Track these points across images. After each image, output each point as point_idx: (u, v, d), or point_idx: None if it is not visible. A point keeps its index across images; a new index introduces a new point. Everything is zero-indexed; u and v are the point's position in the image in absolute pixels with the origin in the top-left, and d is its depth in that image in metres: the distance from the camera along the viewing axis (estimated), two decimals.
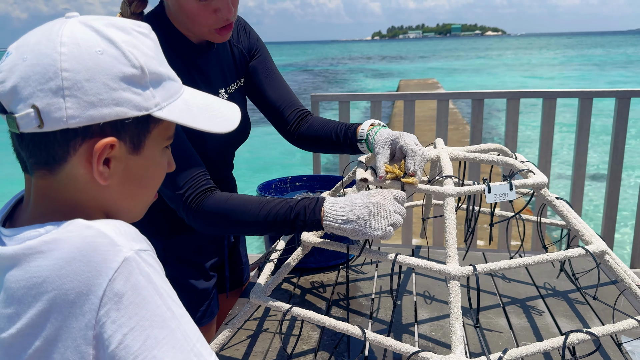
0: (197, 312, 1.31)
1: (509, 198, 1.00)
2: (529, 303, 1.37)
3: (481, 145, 1.20)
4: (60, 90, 0.56)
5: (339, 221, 0.94)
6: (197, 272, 1.31)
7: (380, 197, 0.94)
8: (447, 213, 0.96)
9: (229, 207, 1.02)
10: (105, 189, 0.62)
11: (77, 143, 0.58)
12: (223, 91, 1.24)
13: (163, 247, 1.26)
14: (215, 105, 0.72)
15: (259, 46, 1.34)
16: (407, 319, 1.29)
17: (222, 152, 1.27)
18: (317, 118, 1.33)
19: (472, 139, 3.18)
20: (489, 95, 3.20)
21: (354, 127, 1.21)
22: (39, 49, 0.57)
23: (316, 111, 3.27)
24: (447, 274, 0.90)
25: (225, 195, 1.04)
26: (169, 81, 0.65)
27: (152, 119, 0.63)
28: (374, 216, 0.92)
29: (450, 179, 1.02)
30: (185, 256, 1.29)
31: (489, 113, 14.35)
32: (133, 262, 0.55)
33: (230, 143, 1.29)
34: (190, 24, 1.10)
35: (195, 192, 1.05)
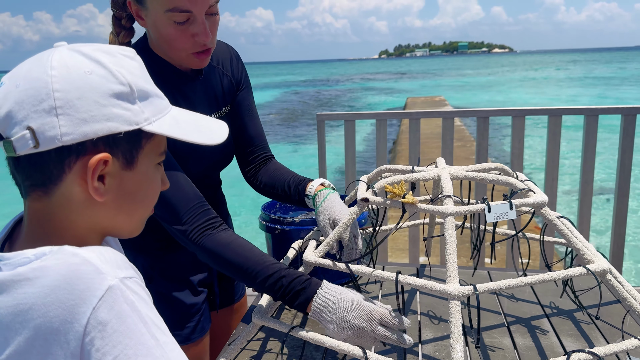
0: (185, 328, 1.31)
1: (509, 217, 1.01)
2: (533, 322, 1.36)
3: (482, 164, 1.21)
4: (53, 109, 0.58)
5: (325, 319, 0.95)
6: (184, 287, 1.32)
7: (365, 319, 0.93)
8: (447, 232, 0.97)
9: (227, 256, 1.04)
10: (101, 207, 0.64)
11: (72, 161, 0.60)
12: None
13: (149, 264, 1.28)
14: (202, 121, 0.75)
15: (246, 80, 1.38)
16: (411, 337, 1.28)
17: (203, 176, 1.29)
18: (275, 165, 1.39)
19: (477, 157, 3.18)
20: (494, 113, 3.21)
21: (305, 182, 1.28)
22: (31, 75, 0.60)
23: (322, 130, 3.29)
24: (447, 294, 0.90)
25: (228, 240, 1.05)
26: (156, 98, 0.67)
27: (143, 134, 0.65)
28: (357, 334, 0.93)
29: (450, 198, 1.02)
30: (171, 273, 1.30)
31: (495, 130, 14.33)
32: (117, 290, 0.56)
33: (213, 166, 1.32)
34: (169, 50, 1.12)
35: (196, 227, 1.06)
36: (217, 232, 1.07)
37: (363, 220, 1.50)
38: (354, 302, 0.91)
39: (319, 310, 0.93)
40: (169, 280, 1.30)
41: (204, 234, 1.06)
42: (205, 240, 1.05)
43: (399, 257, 4.52)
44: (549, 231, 2.57)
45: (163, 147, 0.70)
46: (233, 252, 1.03)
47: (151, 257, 1.29)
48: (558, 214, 1.16)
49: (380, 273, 0.97)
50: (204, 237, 1.06)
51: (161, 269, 1.29)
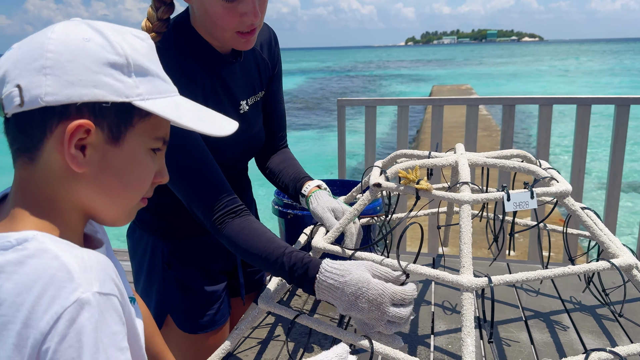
0: (205, 316, 1.29)
1: (529, 207, 0.95)
2: (553, 317, 1.31)
3: (503, 151, 1.15)
4: (42, 68, 0.57)
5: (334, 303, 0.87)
6: (203, 275, 1.29)
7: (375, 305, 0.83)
8: (462, 221, 0.92)
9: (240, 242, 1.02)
10: (81, 181, 0.61)
11: (54, 124, 0.58)
12: (244, 103, 1.22)
13: (169, 249, 1.26)
14: (207, 113, 0.71)
15: (280, 67, 1.34)
16: (423, 330, 1.24)
17: (235, 163, 1.26)
18: (285, 155, 1.37)
19: (502, 146, 3.10)
20: (521, 101, 3.11)
21: (303, 181, 1.26)
22: (32, 38, 0.60)
23: (342, 116, 3.23)
24: (459, 285, 0.85)
25: (241, 226, 1.03)
26: (157, 79, 0.65)
27: (136, 112, 0.62)
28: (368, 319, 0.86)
29: (467, 185, 0.97)
30: (191, 260, 1.28)
31: (521, 120, 14.05)
32: (85, 305, 0.53)
33: (244, 154, 1.28)
34: (214, 29, 1.07)
35: (220, 215, 1.05)
36: (236, 219, 1.05)
37: (378, 207, 1.46)
38: (360, 286, 0.83)
39: (325, 295, 0.88)
40: (188, 267, 1.28)
41: (225, 221, 1.04)
42: (225, 227, 1.04)
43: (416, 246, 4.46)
44: (573, 223, 2.49)
45: (161, 133, 0.66)
46: (245, 238, 1.02)
47: (171, 243, 1.27)
48: (582, 205, 1.10)
49: (390, 262, 0.93)
50: (225, 224, 1.04)
51: (180, 256, 1.27)
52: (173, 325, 1.29)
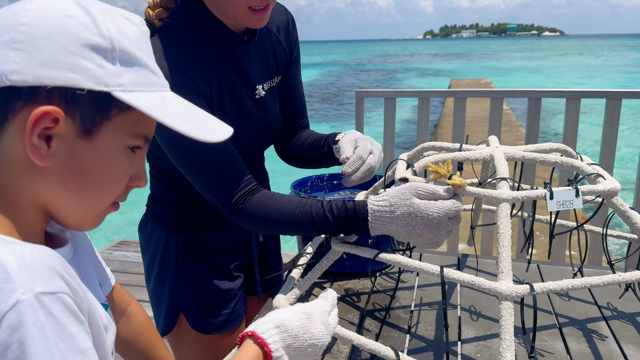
0: (220, 316, 1.22)
1: (574, 206, 0.86)
2: (589, 325, 1.21)
3: (541, 144, 1.06)
4: (12, 42, 0.50)
5: (387, 215, 0.88)
6: (219, 272, 1.22)
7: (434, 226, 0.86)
8: (500, 221, 0.83)
9: (268, 210, 0.98)
10: (43, 174, 0.53)
11: (18, 106, 0.50)
12: (260, 87, 1.14)
13: (184, 244, 1.18)
14: (198, 114, 0.62)
15: (298, 50, 1.26)
16: (450, 336, 1.16)
17: (251, 152, 1.18)
18: (307, 132, 1.30)
19: (527, 141, 2.98)
20: (548, 94, 2.99)
21: (335, 134, 1.19)
22: (8, 8, 0.52)
23: (360, 108, 3.14)
24: (498, 293, 0.77)
25: (265, 198, 0.99)
26: (146, 70, 0.56)
27: (115, 103, 0.54)
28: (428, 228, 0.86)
29: (505, 181, 0.88)
30: (207, 256, 1.20)
31: (543, 115, 13.81)
32: (28, 308, 0.45)
33: (261, 143, 1.20)
34: (225, 4, 0.99)
35: (239, 195, 0.99)
36: (255, 195, 1.00)
37: None
38: (413, 216, 0.85)
39: (380, 232, 0.90)
40: (203, 263, 1.21)
41: (245, 200, 0.99)
42: (247, 205, 0.99)
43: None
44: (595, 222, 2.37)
45: (142, 130, 0.58)
46: (274, 207, 0.97)
47: (185, 237, 1.20)
48: (630, 205, 1.00)
49: (421, 265, 0.84)
50: (246, 202, 0.99)
51: (195, 251, 1.20)
52: (186, 324, 1.22)
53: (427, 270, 0.84)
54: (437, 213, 0.84)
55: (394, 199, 0.87)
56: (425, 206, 0.84)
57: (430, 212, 0.84)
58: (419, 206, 0.84)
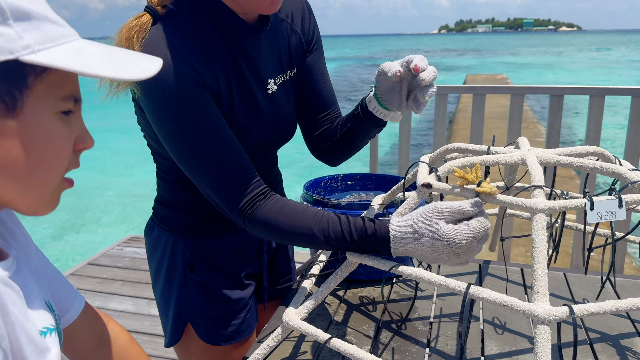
0: (230, 326, 1.15)
1: (616, 218, 0.77)
2: (623, 342, 1.13)
3: (576, 147, 0.97)
4: None
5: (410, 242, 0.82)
6: (229, 280, 1.15)
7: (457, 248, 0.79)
8: (536, 234, 0.75)
9: (280, 220, 0.90)
10: None
11: None
12: (272, 82, 1.05)
13: (191, 251, 1.11)
14: (120, 54, 0.55)
15: (318, 40, 1.16)
16: (472, 351, 1.08)
17: (262, 152, 1.10)
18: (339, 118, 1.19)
19: (548, 140, 2.88)
20: (570, 91, 2.87)
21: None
22: None
23: None
24: (534, 316, 0.69)
25: (278, 206, 0.91)
26: (46, 22, 0.49)
27: (28, 69, 0.48)
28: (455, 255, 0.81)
29: (541, 190, 0.80)
30: (216, 263, 1.13)
31: None
32: None
33: (272, 142, 1.12)
34: None
35: (248, 199, 0.91)
36: (267, 200, 0.92)
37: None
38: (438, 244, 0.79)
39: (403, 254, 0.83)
40: (212, 270, 1.14)
41: (256, 205, 0.91)
42: (257, 211, 0.91)
43: None
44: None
45: (68, 90, 0.52)
46: (288, 217, 0.90)
47: (193, 243, 1.13)
48: None
49: (446, 281, 0.76)
50: (256, 208, 0.91)
51: (204, 258, 1.13)
52: (194, 334, 1.15)
53: (453, 288, 0.76)
54: (466, 239, 0.78)
55: (418, 224, 0.80)
56: (452, 233, 0.78)
57: (457, 239, 0.78)
58: (444, 233, 0.78)
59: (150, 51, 0.85)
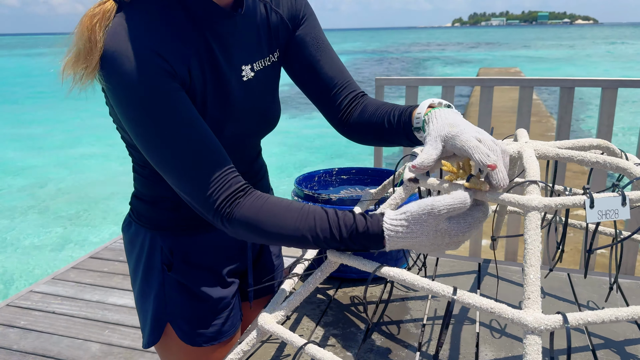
0: (211, 326, 1.10)
1: (619, 217, 0.71)
2: (628, 348, 1.06)
3: (579, 140, 0.90)
4: None
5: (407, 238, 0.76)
6: (210, 278, 1.09)
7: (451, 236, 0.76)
8: (528, 233, 0.68)
9: (261, 219, 0.83)
10: None
11: None
12: (248, 68, 0.98)
13: (169, 247, 1.06)
14: None
15: (307, 12, 1.07)
16: (466, 356, 1.01)
17: (242, 144, 1.03)
18: (371, 100, 1.06)
19: (558, 133, 2.79)
20: (581, 83, 2.78)
21: (411, 110, 0.94)
22: None
23: (380, 97, 2.98)
24: (523, 325, 0.62)
25: (259, 203, 0.84)
26: None
27: None
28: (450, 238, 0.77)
29: (536, 185, 0.73)
30: (196, 259, 1.08)
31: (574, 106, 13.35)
32: None
33: (253, 133, 1.04)
34: None
35: (225, 196, 0.84)
36: (247, 197, 0.85)
37: None
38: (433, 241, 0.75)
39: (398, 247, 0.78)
40: (192, 268, 1.08)
41: (235, 203, 0.84)
42: (236, 210, 0.83)
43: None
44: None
45: None
46: (271, 215, 0.82)
47: (172, 240, 1.07)
48: None
49: (430, 285, 0.70)
50: (235, 206, 0.84)
51: (183, 255, 1.07)
52: (173, 335, 1.10)
53: (438, 292, 0.69)
54: (468, 230, 0.75)
55: (414, 225, 0.74)
56: (453, 229, 0.75)
57: (461, 232, 0.75)
58: (446, 231, 0.75)
59: (114, 40, 0.79)
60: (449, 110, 0.85)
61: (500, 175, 0.71)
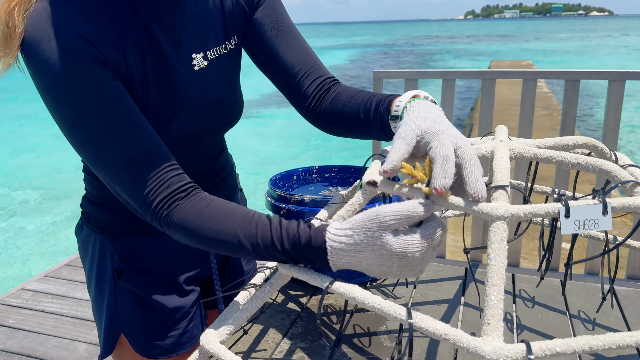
0: (167, 338, 1.02)
1: (599, 227, 0.62)
2: None
3: (563, 138, 0.81)
4: None
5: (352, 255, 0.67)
6: (165, 286, 1.02)
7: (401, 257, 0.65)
8: (492, 247, 0.59)
9: (201, 224, 0.74)
10: None
11: None
12: (200, 56, 0.90)
13: (119, 253, 0.98)
14: None
15: None
16: None
17: (199, 139, 0.95)
18: (346, 88, 0.96)
19: (562, 128, 2.66)
20: (587, 76, 2.64)
21: (392, 98, 0.84)
22: None
23: (379, 90, 2.88)
24: (480, 357, 0.53)
25: (201, 206, 0.76)
26: None
27: None
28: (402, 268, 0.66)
29: (503, 191, 0.64)
30: (148, 267, 1.00)
31: (585, 99, 13.11)
32: None
33: (211, 127, 0.95)
34: None
35: (162, 197, 0.76)
36: (188, 199, 0.76)
37: None
38: (384, 260, 0.65)
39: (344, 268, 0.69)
40: (144, 275, 1.00)
41: (174, 204, 0.76)
42: (175, 212, 0.75)
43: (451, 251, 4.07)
44: None
45: None
46: (211, 220, 0.74)
47: (122, 244, 0.99)
48: None
49: (381, 305, 0.61)
50: (174, 208, 0.76)
51: (134, 261, 0.99)
52: (128, 346, 1.02)
53: (389, 314, 0.61)
54: (420, 251, 0.63)
55: (359, 235, 0.65)
56: (401, 246, 0.63)
57: (409, 252, 0.63)
58: (392, 246, 0.63)
59: (35, 24, 0.72)
60: (435, 105, 0.76)
61: (479, 186, 0.62)
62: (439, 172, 0.62)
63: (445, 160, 0.62)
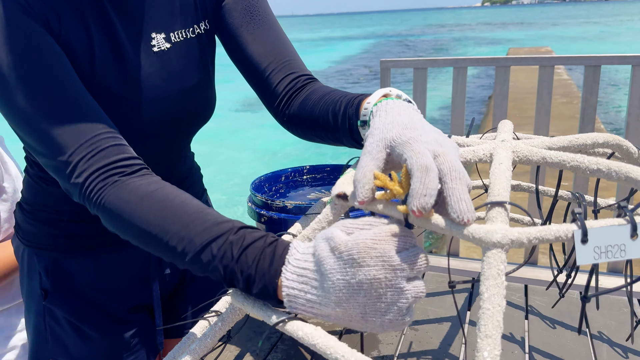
0: None
1: (627, 255, 0.48)
2: None
3: (580, 135, 0.67)
4: None
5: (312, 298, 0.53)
6: (97, 313, 0.89)
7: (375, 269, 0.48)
8: (485, 284, 0.46)
9: (138, 214, 0.60)
10: None
11: None
12: (161, 37, 0.78)
13: (45, 268, 0.86)
14: None
15: None
16: None
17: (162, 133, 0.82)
18: (320, 87, 0.83)
19: (582, 118, 2.50)
20: (608, 61, 2.47)
21: (361, 99, 0.70)
22: None
23: (386, 81, 2.72)
24: None
25: (145, 190, 0.62)
26: None
27: None
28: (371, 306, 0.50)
29: (502, 209, 0.51)
30: (81, 290, 0.88)
31: (606, 87, 12.73)
32: None
33: (177, 118, 0.83)
34: None
35: (95, 169, 0.63)
36: (134, 177, 0.63)
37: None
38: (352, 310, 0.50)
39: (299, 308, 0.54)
40: (75, 298, 0.87)
41: (107, 181, 0.63)
42: (108, 192, 0.62)
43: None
44: None
45: None
46: (149, 209, 0.60)
47: (49, 260, 0.87)
48: None
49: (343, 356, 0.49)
50: (108, 186, 0.62)
51: (64, 282, 0.87)
52: None
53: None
54: (403, 301, 0.49)
55: (316, 273, 0.51)
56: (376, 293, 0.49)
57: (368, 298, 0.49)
58: (347, 283, 0.49)
59: None
60: (407, 105, 0.62)
61: (464, 206, 0.48)
62: (418, 188, 0.48)
63: (424, 172, 0.48)
